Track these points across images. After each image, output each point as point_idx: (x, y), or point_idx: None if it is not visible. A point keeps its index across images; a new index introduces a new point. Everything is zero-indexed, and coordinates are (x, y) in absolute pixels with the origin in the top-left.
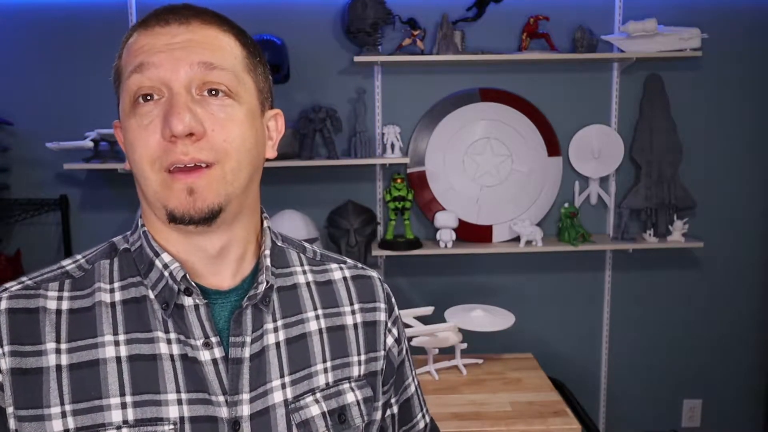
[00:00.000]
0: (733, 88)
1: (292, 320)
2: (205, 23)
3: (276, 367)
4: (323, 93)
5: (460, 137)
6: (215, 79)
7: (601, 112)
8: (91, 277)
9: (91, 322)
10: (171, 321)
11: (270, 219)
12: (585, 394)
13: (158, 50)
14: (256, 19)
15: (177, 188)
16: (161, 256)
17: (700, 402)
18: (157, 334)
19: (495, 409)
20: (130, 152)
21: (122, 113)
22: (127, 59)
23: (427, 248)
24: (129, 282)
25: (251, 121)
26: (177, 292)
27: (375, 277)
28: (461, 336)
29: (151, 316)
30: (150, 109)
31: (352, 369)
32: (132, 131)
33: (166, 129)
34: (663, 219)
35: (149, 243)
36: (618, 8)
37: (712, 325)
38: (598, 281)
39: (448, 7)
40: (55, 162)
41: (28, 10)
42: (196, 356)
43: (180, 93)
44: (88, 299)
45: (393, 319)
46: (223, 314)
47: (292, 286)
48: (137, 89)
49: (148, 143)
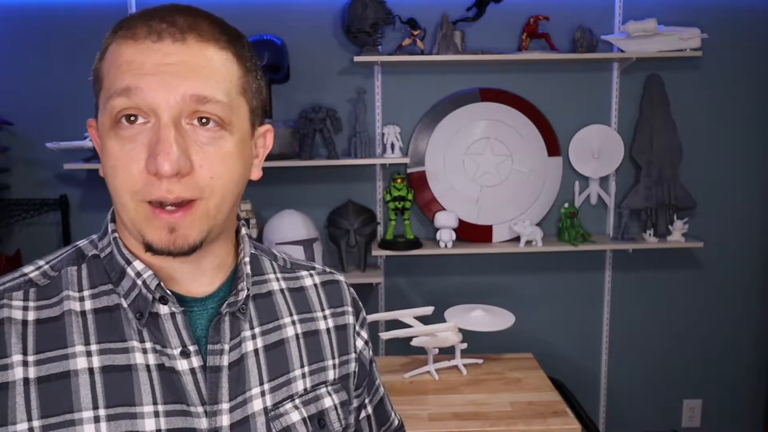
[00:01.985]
0: (733, 88)
1: (269, 327)
2: (202, 39)
3: (255, 374)
4: (323, 93)
5: (460, 137)
6: (208, 111)
7: (601, 112)
8: (57, 284)
9: (60, 332)
10: (146, 330)
11: (269, 220)
12: (585, 394)
13: (147, 72)
14: (256, 19)
15: (158, 225)
16: (133, 264)
17: (700, 402)
18: (131, 343)
19: (495, 409)
20: (109, 175)
21: (101, 126)
22: (111, 71)
23: (427, 248)
24: (100, 290)
25: (240, 151)
26: (152, 301)
27: (342, 282)
28: (461, 336)
29: (125, 325)
30: (134, 133)
31: (327, 373)
32: (113, 154)
33: (151, 164)
34: (663, 219)
35: (120, 250)
36: (618, 8)
37: (712, 325)
38: (598, 281)
39: (448, 7)
40: (55, 162)
41: (27, 10)
42: (173, 366)
43: (168, 126)
44: (56, 308)
45: (360, 321)
46: (200, 322)
47: (267, 293)
48: (121, 111)
49: (130, 172)
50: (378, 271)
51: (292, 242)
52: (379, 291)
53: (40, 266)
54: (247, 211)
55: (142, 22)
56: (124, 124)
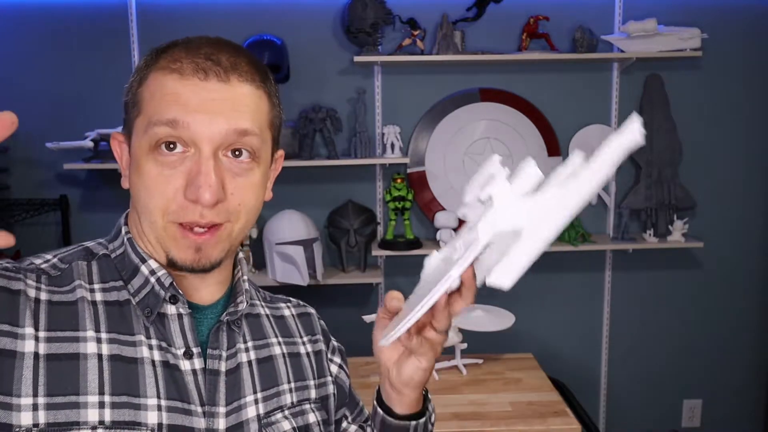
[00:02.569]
0: (733, 88)
1: (259, 343)
2: (242, 79)
3: (249, 383)
4: (323, 93)
5: (460, 137)
6: (245, 144)
7: (601, 112)
8: (69, 275)
9: (72, 315)
10: (153, 327)
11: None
12: (585, 394)
13: (194, 109)
14: (256, 19)
15: (185, 244)
16: (148, 262)
17: (700, 402)
18: (139, 337)
19: (495, 409)
20: (144, 194)
21: (138, 148)
22: (155, 100)
23: (427, 248)
24: (111, 285)
25: (264, 180)
26: (162, 300)
27: (313, 314)
28: (461, 336)
29: (135, 320)
30: (174, 159)
31: (310, 391)
32: (150, 176)
33: (192, 193)
34: (663, 219)
35: (135, 249)
36: (618, 8)
37: (712, 325)
38: (598, 281)
39: (448, 7)
40: (55, 162)
41: (28, 10)
42: (177, 364)
43: (209, 158)
44: (69, 294)
45: (331, 349)
46: (201, 329)
47: (256, 314)
48: (162, 139)
49: (165, 194)
50: (378, 271)
51: (292, 242)
52: (379, 291)
53: (48, 259)
54: None
55: (187, 57)
56: (164, 150)
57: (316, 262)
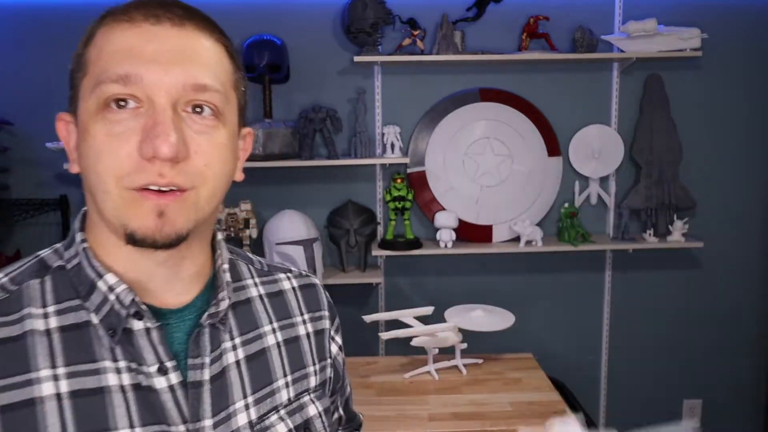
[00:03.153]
0: (733, 88)
1: (249, 336)
2: (199, 29)
3: (238, 387)
4: (323, 93)
5: (460, 137)
6: (206, 99)
7: (601, 112)
8: (18, 300)
9: (21, 354)
10: (119, 348)
11: (269, 220)
12: (585, 394)
13: (147, 59)
14: (256, 19)
15: (146, 208)
16: (105, 277)
17: (700, 402)
18: (103, 364)
19: (495, 409)
20: (91, 160)
21: (84, 114)
22: (103, 56)
23: (427, 248)
24: (67, 306)
25: (232, 144)
26: (125, 317)
27: (318, 285)
28: (461, 336)
29: (96, 344)
30: (124, 117)
31: (309, 380)
32: (98, 138)
33: (147, 148)
34: (663, 219)
35: (90, 262)
36: (618, 8)
37: (712, 325)
38: (598, 281)
39: (448, 7)
40: (55, 162)
41: (27, 10)
42: (150, 384)
43: (166, 110)
44: (15, 327)
45: (336, 326)
46: (178, 335)
47: (246, 300)
48: (112, 96)
49: (118, 156)
50: (378, 271)
51: (292, 242)
52: (379, 291)
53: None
54: (247, 211)
55: (136, 7)
56: (114, 108)
57: (316, 262)
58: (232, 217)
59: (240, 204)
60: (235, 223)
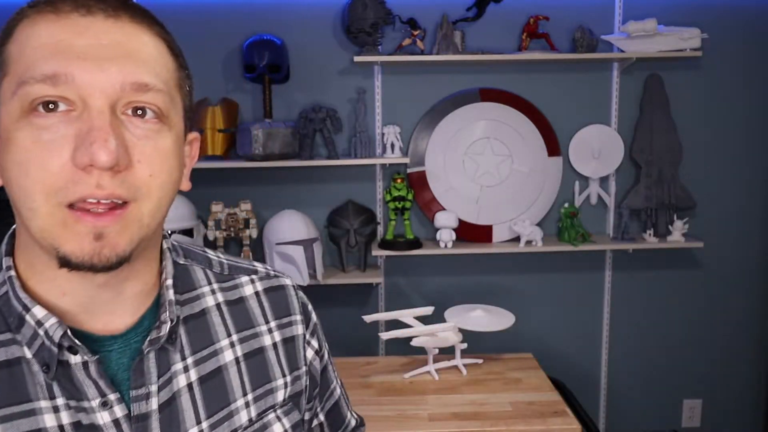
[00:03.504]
0: (733, 88)
1: (203, 354)
2: (136, 21)
3: (191, 413)
4: (323, 93)
5: (460, 137)
6: (148, 101)
7: (601, 112)
8: None
9: None
10: (56, 384)
11: (269, 220)
12: (585, 394)
13: (78, 56)
14: (256, 19)
15: (80, 231)
16: (32, 310)
17: (700, 402)
18: (38, 404)
19: (495, 409)
20: (15, 172)
21: (6, 117)
22: (26, 52)
23: (427, 248)
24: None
25: (178, 150)
26: (57, 352)
27: (288, 286)
28: (461, 336)
29: (29, 382)
30: (54, 122)
31: (276, 395)
32: (23, 147)
33: (83, 155)
34: (663, 219)
35: (16, 293)
36: (618, 8)
37: (712, 325)
38: (598, 281)
39: (448, 7)
40: None
41: None
42: (92, 421)
43: (103, 112)
44: None
45: (311, 329)
46: (123, 361)
47: (200, 312)
48: (39, 98)
49: (48, 167)
50: (378, 271)
51: (292, 242)
52: (379, 291)
53: None
54: (247, 211)
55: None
56: (41, 112)
57: (316, 262)
58: (232, 217)
59: (240, 204)
60: (235, 223)
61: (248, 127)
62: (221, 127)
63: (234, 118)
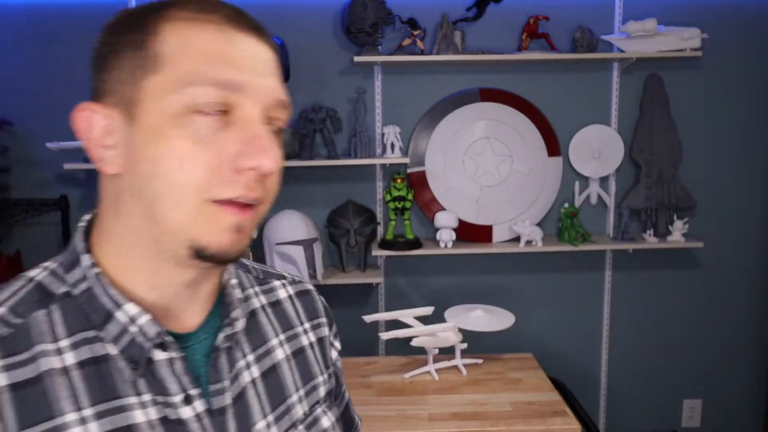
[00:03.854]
0: (733, 88)
1: (260, 352)
2: (271, 44)
3: (258, 407)
4: (323, 93)
5: (460, 137)
6: (283, 118)
7: (601, 112)
8: (26, 335)
9: (42, 398)
10: (143, 380)
11: (269, 220)
12: (585, 394)
13: (246, 68)
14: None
15: (225, 224)
16: (124, 307)
17: (700, 402)
18: (128, 400)
19: (495, 409)
20: (165, 166)
21: (158, 114)
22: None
23: (427, 248)
24: (81, 338)
25: None
26: (148, 349)
27: (312, 290)
28: (461, 336)
29: (118, 379)
30: (216, 125)
31: (319, 391)
32: (183, 146)
33: (249, 160)
34: (663, 219)
35: (106, 290)
36: (618, 8)
37: (712, 325)
38: (598, 281)
39: (448, 7)
40: (55, 162)
41: (27, 10)
42: (178, 416)
43: (262, 123)
44: (29, 367)
45: (334, 332)
46: (196, 358)
47: (251, 312)
48: (209, 102)
49: (207, 166)
50: (378, 271)
51: (292, 242)
52: (379, 291)
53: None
54: None
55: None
56: (206, 113)
57: (316, 262)
58: None
59: None
60: None
61: None
62: None
63: None
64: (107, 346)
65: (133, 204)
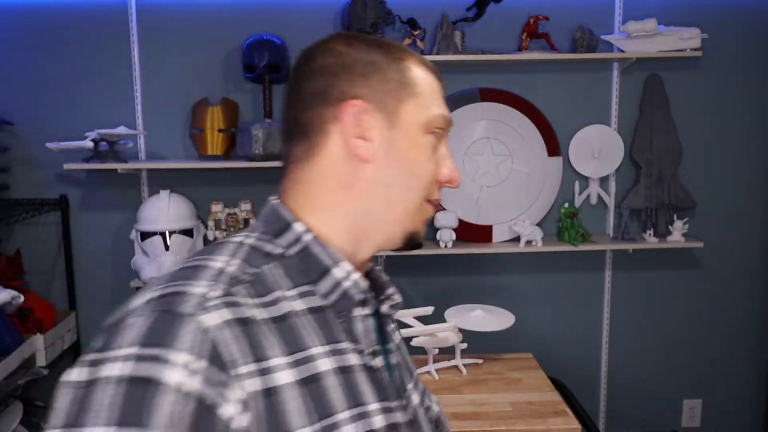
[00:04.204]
0: (733, 88)
1: (393, 326)
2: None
3: (406, 371)
4: None
5: (460, 137)
6: None
7: (601, 112)
8: (264, 282)
9: (293, 332)
10: (346, 332)
11: None
12: (585, 394)
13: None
14: (256, 19)
15: (425, 218)
16: (341, 264)
17: (700, 402)
18: (345, 344)
19: (495, 409)
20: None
21: (413, 126)
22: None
23: (427, 248)
24: (303, 290)
25: None
26: (355, 303)
27: None
28: (461, 336)
29: (334, 326)
30: (433, 144)
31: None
32: (426, 154)
33: (455, 176)
34: (663, 219)
35: (326, 249)
36: (618, 8)
37: (712, 325)
38: (598, 281)
39: (448, 7)
40: (55, 162)
41: (27, 10)
42: (373, 365)
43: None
44: (275, 307)
45: None
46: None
47: None
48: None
49: (435, 173)
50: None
51: None
52: None
53: (228, 261)
54: (247, 211)
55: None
56: (439, 133)
57: None
58: (232, 217)
59: (240, 204)
60: (235, 223)
61: (248, 127)
62: (221, 127)
63: (234, 118)
64: (319, 300)
65: (377, 189)
